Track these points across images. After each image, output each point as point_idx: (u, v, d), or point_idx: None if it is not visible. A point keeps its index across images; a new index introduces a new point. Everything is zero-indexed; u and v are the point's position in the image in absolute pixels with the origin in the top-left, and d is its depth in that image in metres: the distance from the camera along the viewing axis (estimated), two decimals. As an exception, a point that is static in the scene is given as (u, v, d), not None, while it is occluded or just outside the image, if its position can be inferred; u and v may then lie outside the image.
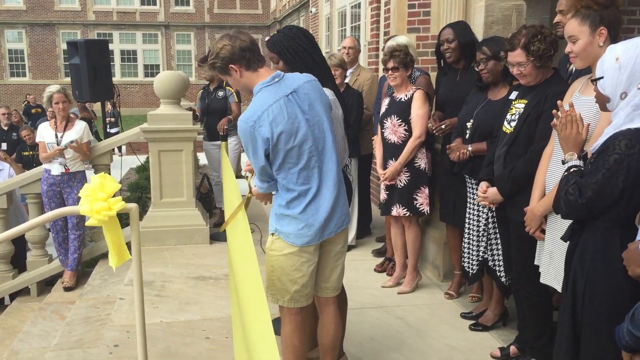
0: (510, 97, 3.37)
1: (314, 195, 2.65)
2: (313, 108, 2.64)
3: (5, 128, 9.24)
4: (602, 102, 2.29)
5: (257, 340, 1.91)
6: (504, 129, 3.28)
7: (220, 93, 6.37)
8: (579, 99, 2.71)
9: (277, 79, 2.62)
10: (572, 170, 2.34)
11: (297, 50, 2.95)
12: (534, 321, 3.25)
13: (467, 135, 3.87)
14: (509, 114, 3.27)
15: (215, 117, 6.31)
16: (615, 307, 2.19)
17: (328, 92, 2.93)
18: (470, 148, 3.79)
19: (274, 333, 1.70)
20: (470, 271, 3.90)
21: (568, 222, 2.46)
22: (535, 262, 3.01)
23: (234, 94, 6.32)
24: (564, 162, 2.43)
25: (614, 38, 2.57)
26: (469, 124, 3.85)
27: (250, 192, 2.92)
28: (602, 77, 2.24)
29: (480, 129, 3.74)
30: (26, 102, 17.74)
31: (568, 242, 2.44)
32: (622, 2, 3.99)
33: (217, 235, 5.79)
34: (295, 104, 2.59)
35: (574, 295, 2.34)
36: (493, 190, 3.30)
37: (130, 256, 3.10)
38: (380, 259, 5.16)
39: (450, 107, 4.32)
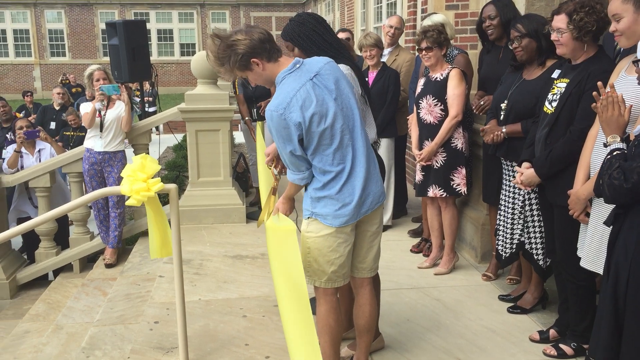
0: (552, 76, 3.27)
1: (348, 174, 2.65)
2: (339, 86, 2.64)
3: (58, 108, 9.39)
4: (646, 83, 2.22)
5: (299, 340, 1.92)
6: (545, 109, 3.19)
7: None
8: (625, 79, 2.63)
9: (298, 65, 2.62)
10: (615, 153, 2.27)
11: (309, 34, 3.02)
12: (576, 305, 3.19)
13: (502, 117, 3.79)
14: (550, 93, 3.18)
15: (262, 100, 6.39)
16: None
17: (343, 67, 2.95)
18: (504, 130, 3.73)
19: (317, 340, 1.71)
20: (504, 254, 3.85)
21: (613, 205, 2.40)
22: (578, 247, 2.96)
23: None
24: (606, 145, 2.36)
25: (660, 16, 2.48)
26: (503, 105, 3.78)
27: (275, 181, 3.01)
28: None
29: (515, 110, 3.66)
30: (67, 80, 18.04)
31: (611, 227, 2.38)
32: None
33: (253, 214, 5.85)
34: (320, 85, 2.58)
35: (616, 281, 2.29)
36: (529, 172, 3.23)
37: (172, 253, 3.19)
38: (417, 240, 5.14)
39: (491, 85, 4.24)
